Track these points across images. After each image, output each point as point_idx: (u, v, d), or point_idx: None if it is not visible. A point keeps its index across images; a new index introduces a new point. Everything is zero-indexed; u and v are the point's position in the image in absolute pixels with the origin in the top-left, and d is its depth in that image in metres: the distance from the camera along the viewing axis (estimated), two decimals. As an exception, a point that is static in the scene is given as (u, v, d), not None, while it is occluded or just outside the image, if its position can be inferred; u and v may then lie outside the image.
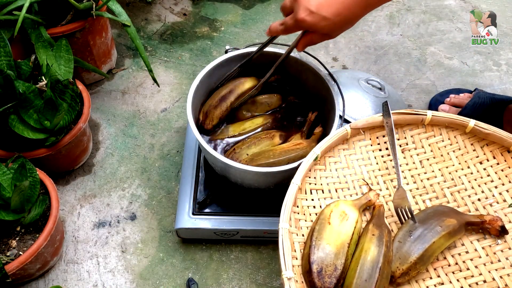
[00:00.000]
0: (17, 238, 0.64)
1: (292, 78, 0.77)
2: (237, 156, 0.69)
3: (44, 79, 0.72)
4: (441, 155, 0.62)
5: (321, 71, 0.72)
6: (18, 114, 0.68)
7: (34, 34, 0.75)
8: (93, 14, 0.81)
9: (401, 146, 0.63)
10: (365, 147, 0.64)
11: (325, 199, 0.60)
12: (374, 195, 0.58)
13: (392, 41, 1.10)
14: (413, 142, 0.63)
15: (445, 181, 0.61)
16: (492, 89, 1.00)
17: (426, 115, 0.61)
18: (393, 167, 0.62)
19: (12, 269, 0.60)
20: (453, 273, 0.54)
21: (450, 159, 0.62)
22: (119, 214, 0.79)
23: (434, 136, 0.63)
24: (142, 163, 0.86)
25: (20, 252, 0.63)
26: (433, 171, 0.62)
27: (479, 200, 0.58)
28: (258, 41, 1.03)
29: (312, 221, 0.57)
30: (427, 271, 0.54)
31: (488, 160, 0.60)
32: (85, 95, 0.78)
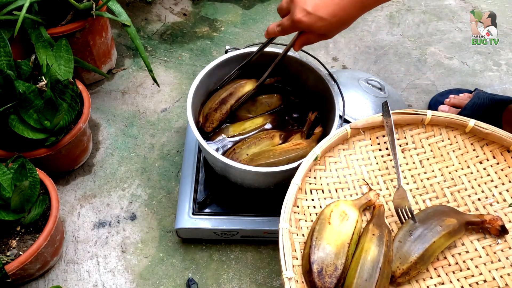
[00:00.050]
0: (17, 238, 0.64)
1: (292, 78, 0.77)
2: (237, 156, 0.69)
3: (44, 79, 0.72)
4: (441, 155, 0.62)
5: (321, 71, 0.72)
6: (18, 114, 0.68)
7: (34, 34, 0.75)
8: (93, 14, 0.81)
9: (401, 146, 0.64)
10: (365, 147, 0.64)
11: (325, 199, 0.60)
12: (374, 195, 0.58)
13: (392, 41, 1.10)
14: (413, 142, 0.63)
15: (445, 181, 0.61)
16: (492, 89, 1.00)
17: (426, 115, 0.61)
18: (393, 167, 0.62)
19: (12, 269, 0.60)
20: (454, 272, 0.54)
21: (450, 159, 0.62)
22: (119, 214, 0.79)
23: (434, 136, 0.63)
24: (142, 163, 0.86)
25: (20, 252, 0.63)
26: (433, 171, 0.62)
27: (479, 199, 0.58)
28: (258, 41, 1.03)
29: (312, 221, 0.57)
30: (427, 270, 0.54)
31: (488, 160, 0.60)
32: (85, 95, 0.78)
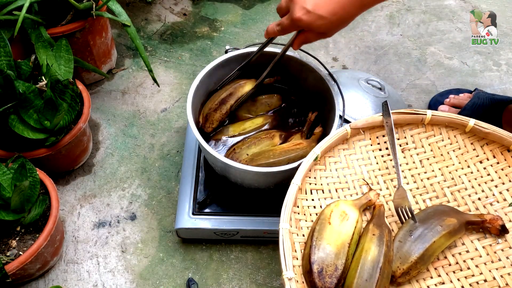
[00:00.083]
0: (17, 238, 0.64)
1: (292, 78, 0.77)
2: (237, 156, 0.69)
3: (44, 79, 0.72)
4: (441, 155, 0.62)
5: (321, 71, 0.72)
6: (18, 114, 0.68)
7: (34, 34, 0.75)
8: (93, 14, 0.81)
9: (401, 145, 0.63)
10: (365, 147, 0.64)
11: (325, 199, 0.60)
12: (374, 195, 0.58)
13: (392, 41, 1.10)
14: (413, 142, 0.63)
15: (445, 181, 0.61)
16: (492, 89, 1.00)
17: (426, 114, 0.61)
18: (393, 167, 0.62)
19: (12, 269, 0.60)
20: (454, 272, 0.54)
21: (450, 158, 0.62)
22: (119, 214, 0.79)
23: (434, 136, 0.63)
24: (142, 163, 0.86)
25: (20, 252, 0.63)
26: (433, 171, 0.62)
27: (479, 199, 0.58)
28: (258, 41, 1.02)
29: (312, 221, 0.57)
30: (427, 270, 0.54)
31: (488, 159, 0.60)
32: (85, 95, 0.78)
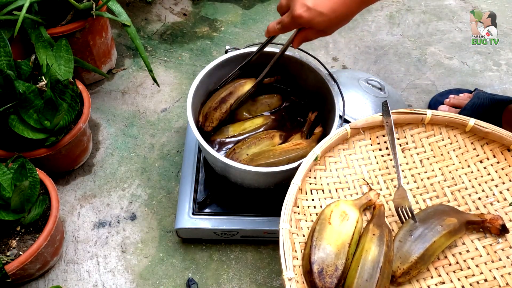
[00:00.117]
0: (17, 238, 0.64)
1: (292, 78, 0.77)
2: (237, 156, 0.69)
3: (44, 79, 0.72)
4: (441, 154, 0.62)
5: (321, 71, 0.72)
6: (18, 114, 0.68)
7: (34, 34, 0.75)
8: (93, 14, 0.81)
9: (401, 145, 0.63)
10: (365, 146, 0.64)
11: (325, 199, 0.60)
12: (375, 195, 0.58)
13: (392, 41, 1.10)
14: (413, 142, 0.63)
15: (445, 180, 0.61)
16: (492, 89, 1.00)
17: (426, 114, 0.61)
18: (393, 167, 0.62)
19: (12, 269, 0.60)
20: (454, 272, 0.54)
21: (450, 158, 0.62)
22: (119, 214, 0.79)
23: (434, 135, 0.63)
24: (142, 163, 0.86)
25: (20, 252, 0.63)
26: (433, 170, 0.62)
27: (479, 199, 0.58)
28: (258, 41, 1.02)
29: (312, 221, 0.57)
30: (428, 270, 0.54)
31: (488, 159, 0.60)
32: (85, 95, 0.78)
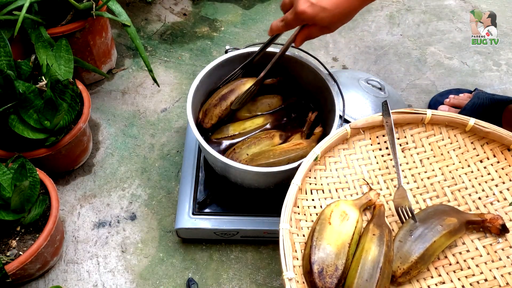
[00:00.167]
0: (17, 238, 0.64)
1: (292, 78, 0.77)
2: (237, 156, 0.69)
3: (44, 79, 0.72)
4: (441, 154, 0.62)
5: (321, 71, 0.72)
6: (18, 114, 0.68)
7: (34, 34, 0.75)
8: (93, 14, 0.81)
9: (401, 145, 0.63)
10: (365, 146, 0.64)
11: (325, 199, 0.60)
12: (375, 195, 0.58)
13: (392, 41, 1.10)
14: (413, 141, 0.63)
15: (445, 180, 0.61)
16: (492, 89, 1.00)
17: (426, 114, 0.61)
18: (393, 167, 0.62)
19: (12, 269, 0.60)
20: (454, 272, 0.54)
21: (450, 158, 0.62)
22: (119, 214, 0.79)
23: (434, 135, 0.63)
24: (142, 163, 0.86)
25: (20, 252, 0.63)
26: (433, 170, 0.62)
27: (479, 198, 0.58)
28: (258, 41, 1.02)
29: (312, 221, 0.57)
30: (428, 270, 0.54)
31: (488, 159, 0.60)
32: (85, 95, 0.78)
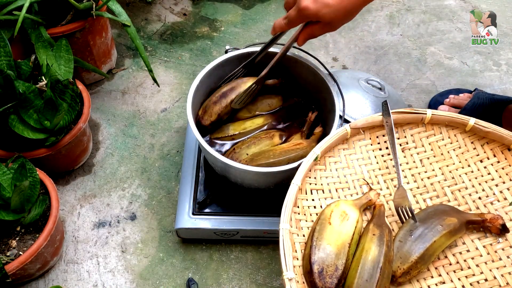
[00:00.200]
0: (17, 238, 0.64)
1: (292, 78, 0.77)
2: (237, 156, 0.69)
3: (44, 79, 0.72)
4: (441, 154, 0.62)
5: (321, 71, 0.72)
6: (18, 114, 0.68)
7: (34, 34, 0.75)
8: (93, 14, 0.81)
9: (401, 145, 0.63)
10: (365, 146, 0.64)
11: (325, 199, 0.60)
12: (375, 195, 0.58)
13: (392, 41, 1.10)
14: (413, 141, 0.63)
15: (445, 180, 0.61)
16: (492, 89, 1.00)
17: (426, 114, 0.61)
18: (393, 166, 0.62)
19: (12, 269, 0.60)
20: (454, 271, 0.54)
21: (450, 157, 0.62)
22: (119, 214, 0.79)
23: (434, 135, 0.63)
24: (142, 163, 0.86)
25: (20, 252, 0.63)
26: (433, 170, 0.62)
27: (479, 198, 0.58)
28: (258, 41, 1.03)
29: (312, 221, 0.57)
30: (428, 270, 0.54)
31: (488, 158, 0.60)
32: (85, 95, 0.78)
